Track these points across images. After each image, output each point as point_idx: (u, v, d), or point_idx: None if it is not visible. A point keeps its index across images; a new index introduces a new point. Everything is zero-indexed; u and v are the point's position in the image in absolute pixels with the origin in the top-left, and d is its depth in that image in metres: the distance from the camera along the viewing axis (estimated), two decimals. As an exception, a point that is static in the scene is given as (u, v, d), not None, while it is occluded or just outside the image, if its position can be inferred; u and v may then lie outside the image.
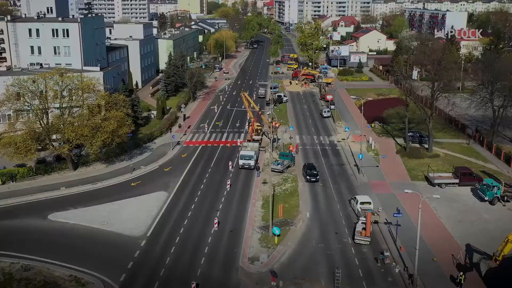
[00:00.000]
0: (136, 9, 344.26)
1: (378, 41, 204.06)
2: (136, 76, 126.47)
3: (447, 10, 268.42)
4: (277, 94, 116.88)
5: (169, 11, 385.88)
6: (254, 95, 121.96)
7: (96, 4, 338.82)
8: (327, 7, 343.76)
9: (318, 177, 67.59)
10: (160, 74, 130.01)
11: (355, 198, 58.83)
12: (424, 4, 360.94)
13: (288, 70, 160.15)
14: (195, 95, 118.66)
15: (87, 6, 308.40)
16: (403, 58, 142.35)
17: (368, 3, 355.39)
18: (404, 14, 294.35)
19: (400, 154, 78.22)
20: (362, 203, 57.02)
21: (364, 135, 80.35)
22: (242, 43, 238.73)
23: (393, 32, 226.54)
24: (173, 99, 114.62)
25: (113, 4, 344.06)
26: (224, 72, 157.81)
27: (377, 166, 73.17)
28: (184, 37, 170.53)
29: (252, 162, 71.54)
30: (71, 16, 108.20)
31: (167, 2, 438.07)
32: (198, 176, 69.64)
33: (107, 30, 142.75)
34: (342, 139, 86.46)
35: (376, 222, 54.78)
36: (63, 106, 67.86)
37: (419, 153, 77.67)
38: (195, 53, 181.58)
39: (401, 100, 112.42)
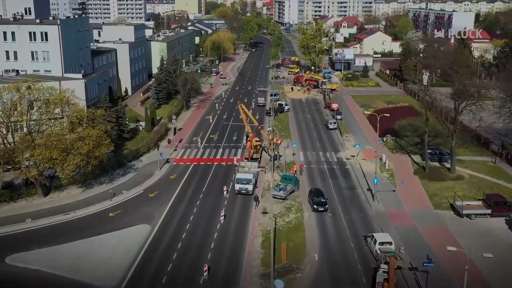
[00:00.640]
0: (132, 9, 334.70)
1: (383, 43, 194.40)
2: (126, 82, 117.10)
3: (454, 11, 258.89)
4: (277, 102, 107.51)
5: (166, 11, 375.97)
6: (253, 103, 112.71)
7: (91, 4, 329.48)
8: (328, 7, 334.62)
9: (326, 205, 58.16)
10: (152, 80, 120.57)
11: (373, 236, 49.37)
12: (427, 4, 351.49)
13: (289, 74, 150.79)
14: (188, 103, 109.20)
15: (81, 6, 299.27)
16: (413, 62, 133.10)
17: (370, 3, 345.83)
18: (408, 15, 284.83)
19: (418, 175, 68.51)
20: (381, 243, 47.70)
21: (376, 151, 70.73)
22: (240, 44, 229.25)
23: (398, 33, 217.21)
24: (164, 108, 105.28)
25: (109, 4, 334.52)
26: (221, 77, 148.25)
27: (394, 191, 63.72)
28: (179, 39, 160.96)
29: (250, 187, 61.93)
30: (51, 18, 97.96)
31: (164, 2, 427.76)
32: (187, 204, 60.19)
33: (95, 32, 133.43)
34: (352, 156, 76.96)
35: (399, 268, 45.42)
36: (30, 122, 58.57)
37: (441, 174, 67.98)
38: (191, 56, 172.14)
39: (413, 109, 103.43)
